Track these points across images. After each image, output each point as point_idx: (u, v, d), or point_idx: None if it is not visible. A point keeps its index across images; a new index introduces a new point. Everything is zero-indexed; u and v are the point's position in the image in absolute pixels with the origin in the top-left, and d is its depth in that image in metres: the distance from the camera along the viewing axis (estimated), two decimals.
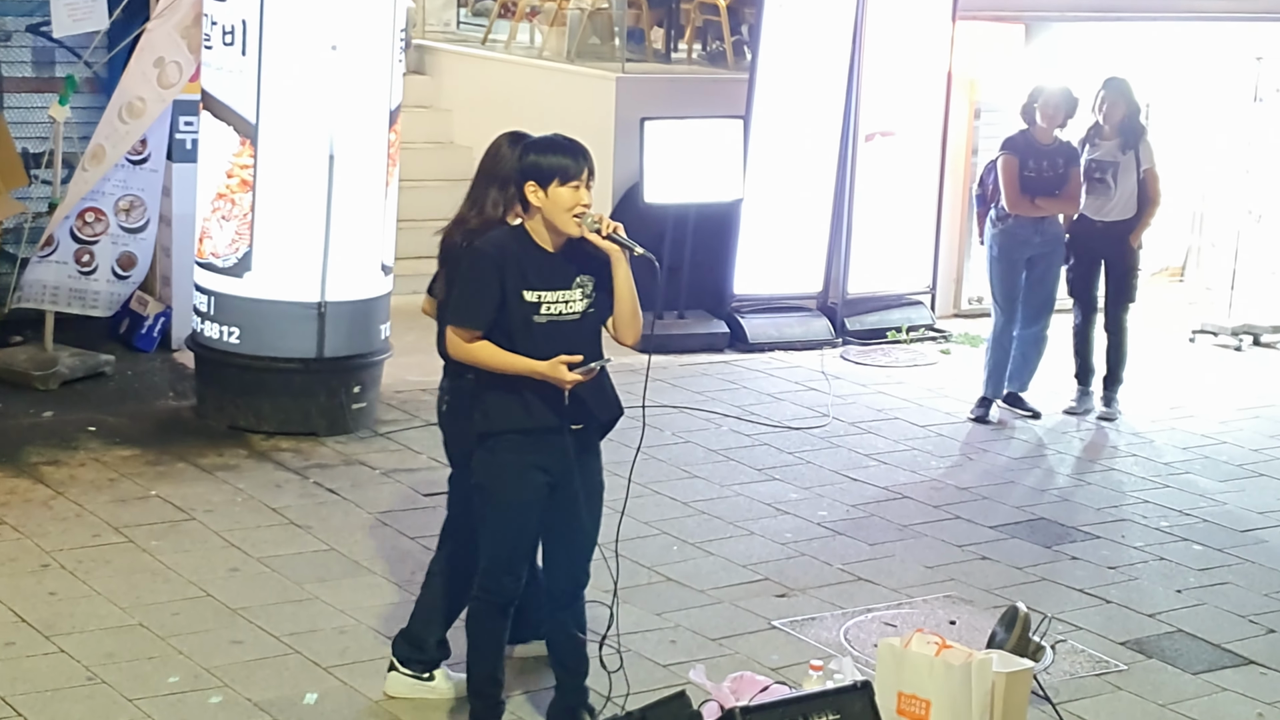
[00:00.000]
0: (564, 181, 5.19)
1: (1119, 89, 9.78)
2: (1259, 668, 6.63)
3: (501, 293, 5.23)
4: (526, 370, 5.22)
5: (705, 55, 13.24)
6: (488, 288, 5.23)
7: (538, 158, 5.25)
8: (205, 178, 8.72)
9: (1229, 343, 11.76)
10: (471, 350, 5.29)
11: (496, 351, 5.25)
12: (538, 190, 5.23)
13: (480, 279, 5.25)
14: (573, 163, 5.22)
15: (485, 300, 5.24)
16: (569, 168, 5.21)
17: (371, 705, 5.84)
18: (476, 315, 5.26)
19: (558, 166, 5.21)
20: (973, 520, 8.09)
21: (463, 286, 5.30)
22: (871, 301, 11.63)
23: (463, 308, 5.29)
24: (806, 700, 5.39)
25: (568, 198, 5.20)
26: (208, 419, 8.77)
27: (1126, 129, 9.76)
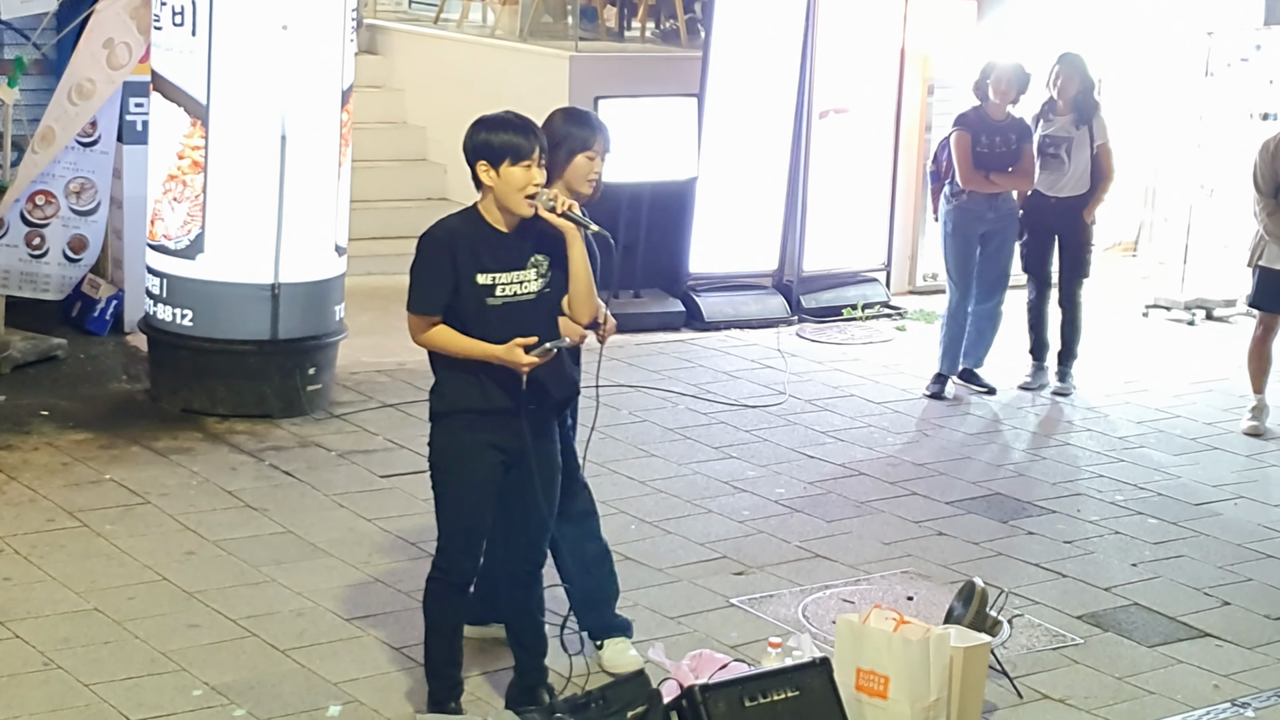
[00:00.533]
0: (515, 161, 5.17)
1: (1074, 64, 9.81)
2: (1214, 640, 6.67)
3: (454, 278, 5.21)
4: (483, 355, 5.20)
5: (659, 33, 13.22)
6: (440, 273, 5.21)
7: (488, 136, 5.22)
8: (156, 159, 8.66)
9: (1182, 317, 11.83)
10: (429, 336, 5.27)
11: (453, 337, 5.24)
12: (489, 169, 5.21)
13: (432, 265, 5.23)
14: (524, 141, 5.19)
15: (438, 286, 5.22)
16: (520, 146, 5.18)
17: (330, 688, 5.82)
18: (430, 301, 5.24)
19: (508, 145, 5.19)
20: (929, 496, 8.11)
21: (416, 273, 5.27)
22: (827, 279, 11.64)
23: (417, 294, 5.27)
24: (765, 677, 5.40)
25: (519, 177, 5.18)
26: (161, 402, 8.72)
27: (1080, 104, 9.79)
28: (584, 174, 5.74)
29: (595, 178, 5.74)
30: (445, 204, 11.77)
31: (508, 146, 5.18)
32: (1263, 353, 9.43)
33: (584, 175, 5.74)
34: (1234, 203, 10.79)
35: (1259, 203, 9.13)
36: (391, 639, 6.18)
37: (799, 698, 5.35)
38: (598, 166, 5.74)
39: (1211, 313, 11.89)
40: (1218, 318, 11.87)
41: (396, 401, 8.95)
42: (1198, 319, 11.82)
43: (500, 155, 5.18)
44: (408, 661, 5.95)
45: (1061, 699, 6.07)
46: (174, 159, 8.50)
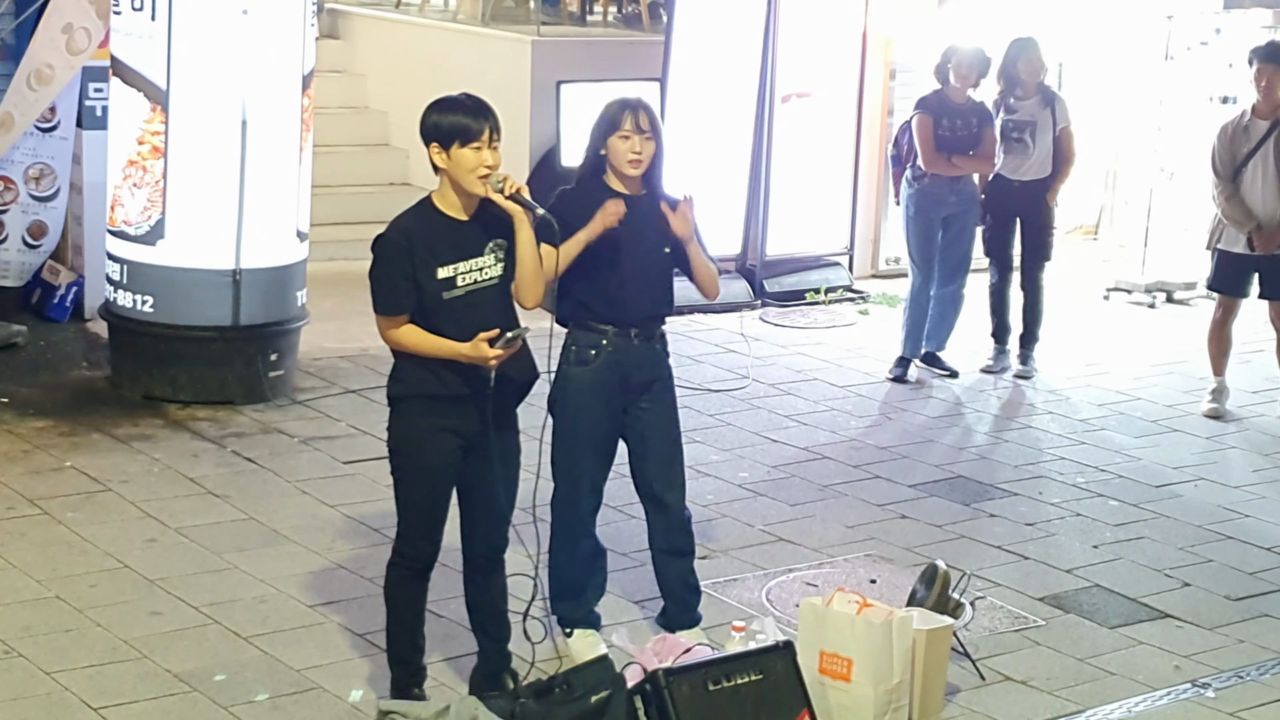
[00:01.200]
0: (465, 142, 5.16)
1: (1037, 48, 9.82)
2: (1175, 621, 6.71)
3: (414, 276, 5.19)
4: (450, 354, 5.20)
5: (621, 17, 13.20)
6: (399, 274, 5.20)
7: (438, 118, 5.22)
8: (116, 145, 8.61)
9: (1143, 300, 11.88)
10: (397, 336, 5.26)
11: (421, 337, 5.23)
12: (440, 151, 5.20)
13: (391, 267, 5.22)
14: (472, 122, 5.17)
15: (399, 286, 5.21)
16: (469, 127, 5.17)
17: (294, 675, 5.81)
18: (395, 302, 5.23)
19: (457, 126, 5.17)
20: (892, 479, 8.13)
21: (376, 277, 5.26)
22: (790, 263, 11.65)
23: (381, 297, 5.26)
24: (729, 661, 5.41)
25: (470, 159, 5.17)
26: (122, 389, 8.68)
27: (1043, 87, 9.82)
28: (623, 156, 5.76)
29: (635, 157, 5.75)
30: (407, 189, 11.75)
31: (457, 128, 5.17)
32: (1222, 335, 9.48)
33: (623, 157, 5.76)
34: (1194, 186, 10.83)
35: (1217, 186, 9.17)
36: (354, 625, 6.18)
37: (762, 681, 5.37)
38: (635, 145, 5.75)
39: (1172, 295, 11.94)
40: (1178, 300, 11.92)
41: (359, 387, 8.93)
42: (1158, 302, 11.87)
43: (450, 137, 5.17)
44: (370, 648, 5.94)
45: (1023, 680, 6.10)
46: (134, 144, 8.46)
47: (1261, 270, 9.21)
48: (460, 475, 5.39)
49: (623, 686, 5.27)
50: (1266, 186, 9.04)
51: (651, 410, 5.98)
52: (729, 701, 5.28)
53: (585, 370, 5.91)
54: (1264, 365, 9.91)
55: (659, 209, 5.85)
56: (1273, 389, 9.61)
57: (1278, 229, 9.06)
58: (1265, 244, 9.08)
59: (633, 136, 5.77)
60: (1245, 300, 9.43)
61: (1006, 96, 9.85)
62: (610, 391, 5.92)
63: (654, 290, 5.95)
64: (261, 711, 5.54)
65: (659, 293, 5.97)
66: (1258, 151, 9.05)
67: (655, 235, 5.87)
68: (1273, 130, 9.04)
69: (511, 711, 5.19)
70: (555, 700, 5.22)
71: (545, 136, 10.92)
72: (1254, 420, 9.38)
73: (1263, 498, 8.16)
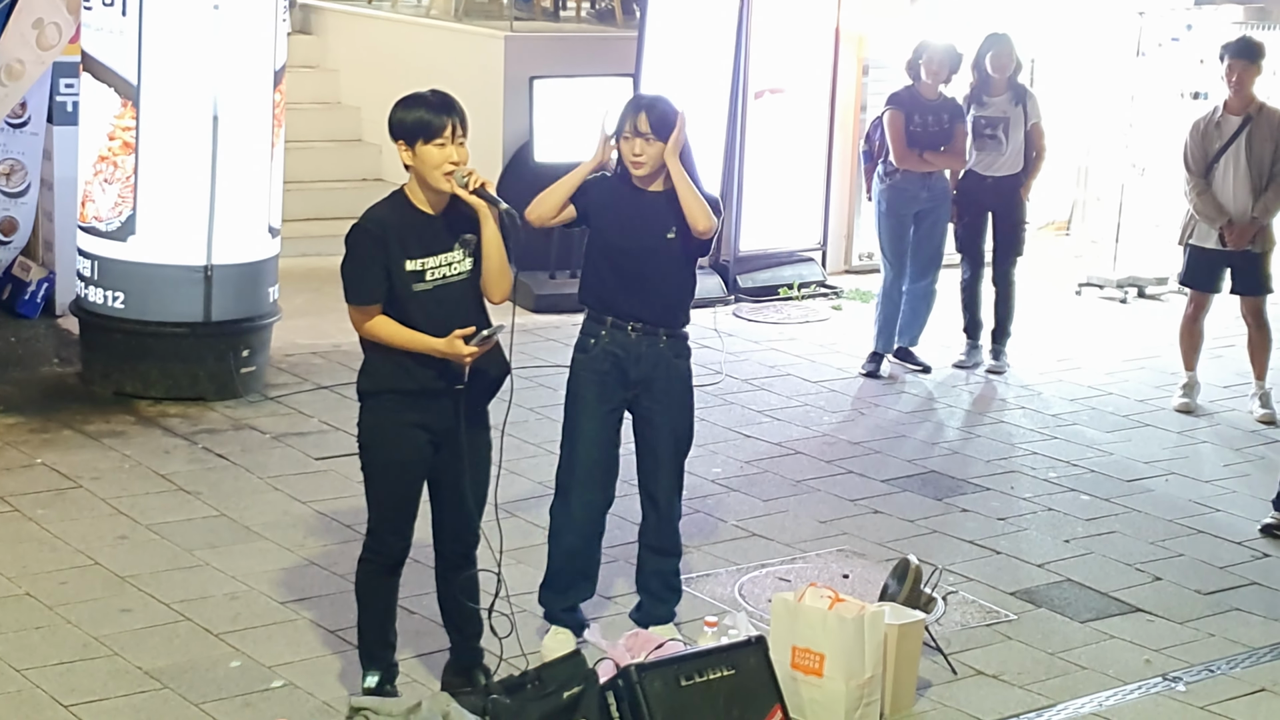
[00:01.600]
0: (428, 139, 5.16)
1: (1009, 44, 9.85)
2: (1146, 615, 6.73)
3: (386, 265, 5.19)
4: (424, 348, 5.19)
5: (594, 13, 13.19)
6: (372, 264, 5.20)
7: (402, 114, 5.23)
8: (87, 140, 8.58)
9: (1114, 295, 11.91)
10: (370, 327, 5.25)
11: (394, 329, 5.22)
12: (406, 149, 5.20)
13: (363, 256, 5.22)
14: (434, 118, 5.17)
15: (371, 276, 5.21)
16: (431, 124, 5.16)
17: (265, 671, 5.80)
18: (366, 292, 5.22)
19: (420, 123, 5.17)
20: (865, 474, 8.15)
21: (348, 267, 5.26)
22: (763, 259, 11.66)
23: (352, 287, 5.25)
24: (701, 656, 5.42)
25: (434, 156, 5.16)
26: (94, 385, 8.65)
27: (1015, 83, 9.84)
28: (625, 158, 5.83)
29: (635, 159, 5.79)
30: (380, 184, 11.72)
31: (420, 125, 5.16)
32: (1194, 330, 9.51)
33: (626, 159, 5.83)
34: (1165, 182, 10.88)
35: (1189, 182, 9.20)
36: (326, 621, 6.16)
37: (734, 676, 5.37)
38: (635, 148, 5.78)
39: (1143, 291, 11.97)
40: (1150, 296, 11.95)
41: (331, 383, 8.91)
42: (1130, 297, 11.90)
43: (414, 134, 5.17)
44: (342, 644, 5.94)
45: (995, 675, 6.12)
46: (105, 140, 8.43)
47: (1233, 266, 9.23)
48: (431, 471, 5.38)
49: (595, 682, 5.27)
50: (1238, 182, 9.06)
51: (654, 410, 6.00)
52: (701, 697, 5.28)
53: (584, 357, 5.97)
54: (1235, 360, 9.95)
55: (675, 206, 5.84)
56: (1244, 384, 9.64)
57: (1249, 224, 9.09)
58: (1237, 239, 9.10)
59: (632, 139, 5.79)
60: (1217, 295, 9.46)
61: (979, 93, 9.87)
62: (607, 383, 5.93)
63: (657, 288, 5.93)
64: (233, 708, 5.53)
65: (663, 291, 5.94)
66: (1229, 147, 9.08)
67: (658, 222, 5.88)
68: (1244, 126, 9.07)
69: (483, 708, 5.18)
70: (527, 696, 5.22)
71: (518, 132, 10.91)
72: (1225, 415, 9.42)
73: (1233, 492, 8.19)
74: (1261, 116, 9.09)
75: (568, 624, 6.05)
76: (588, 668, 5.34)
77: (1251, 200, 9.06)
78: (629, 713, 5.19)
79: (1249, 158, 9.04)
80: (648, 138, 5.79)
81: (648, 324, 5.92)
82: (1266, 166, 9.03)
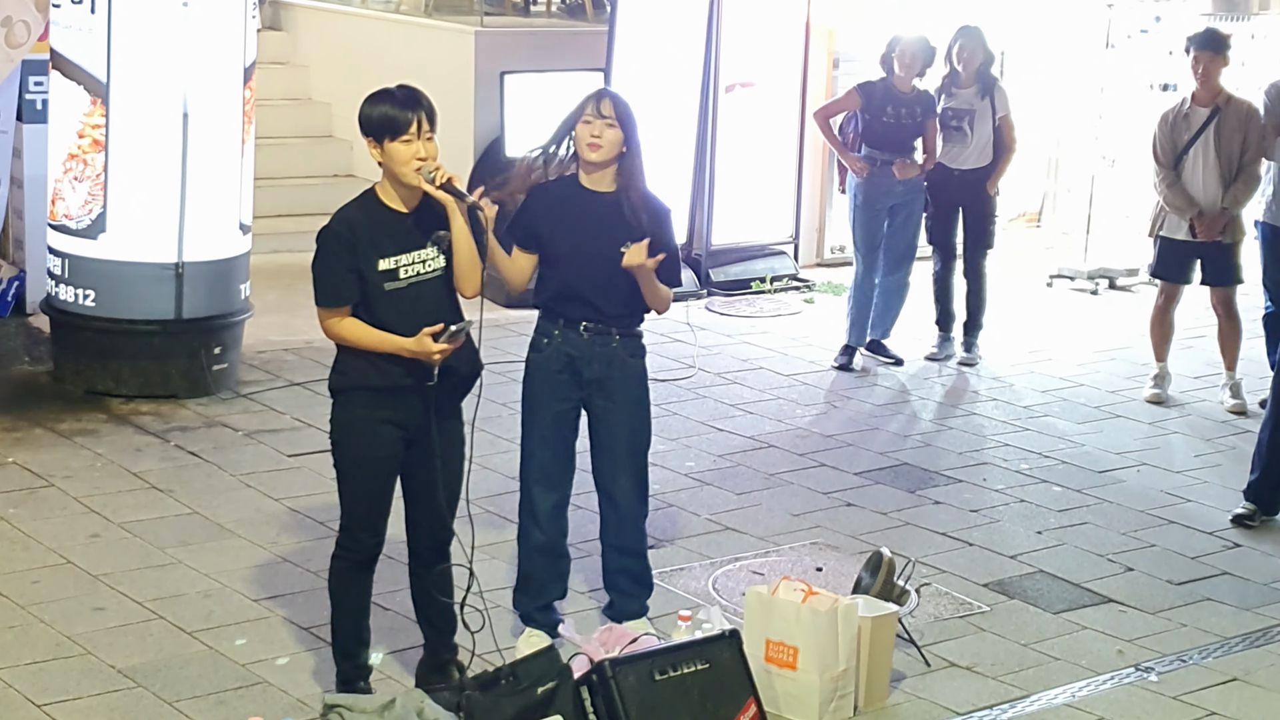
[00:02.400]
0: (394, 136, 5.15)
1: (976, 37, 9.88)
2: (1118, 605, 6.76)
3: (356, 267, 5.18)
4: (393, 349, 5.19)
5: (564, 7, 13.18)
6: (342, 265, 5.19)
7: (369, 110, 5.22)
8: (56, 138, 8.55)
9: (1085, 286, 11.95)
10: (339, 329, 5.25)
11: (362, 331, 5.22)
12: (375, 146, 5.20)
13: (333, 258, 5.22)
14: (400, 114, 5.16)
15: (341, 278, 5.20)
16: (396, 120, 5.15)
17: (239, 669, 5.79)
18: (337, 294, 5.22)
19: (387, 120, 5.17)
20: (838, 467, 8.16)
21: (318, 269, 5.25)
22: (735, 252, 11.66)
23: (322, 289, 5.25)
24: (675, 650, 5.44)
25: (402, 152, 5.16)
26: (65, 383, 8.63)
27: (983, 76, 9.87)
28: (582, 140, 5.82)
29: (594, 140, 5.78)
30: (351, 180, 11.70)
31: (386, 121, 5.16)
32: (1164, 322, 9.54)
33: (582, 141, 5.82)
34: (1135, 173, 10.90)
35: (1159, 174, 9.23)
36: (299, 619, 6.16)
37: (709, 670, 5.39)
38: (596, 129, 5.79)
39: (1114, 282, 12.01)
40: (1120, 287, 11.99)
41: (303, 380, 8.89)
42: (1101, 288, 11.94)
43: (381, 130, 5.17)
44: (316, 641, 5.93)
45: (968, 666, 6.14)
46: (74, 138, 8.40)
47: (1203, 257, 9.26)
48: (403, 467, 5.38)
49: (569, 677, 5.28)
50: (1207, 173, 9.10)
51: (609, 409, 5.98)
52: (675, 691, 5.30)
53: (538, 357, 5.96)
54: (1205, 351, 10.00)
55: (630, 208, 5.84)
56: (1214, 374, 9.68)
57: (1219, 215, 9.12)
58: (1207, 231, 9.14)
59: (594, 121, 5.80)
60: (1187, 287, 9.50)
61: (949, 85, 9.90)
62: (561, 382, 5.92)
63: (608, 291, 5.89)
64: (206, 706, 5.52)
65: (615, 294, 5.90)
66: (1198, 139, 9.11)
67: (615, 231, 5.86)
68: (1212, 117, 9.10)
69: (457, 704, 5.18)
70: (501, 692, 5.22)
71: (489, 127, 10.90)
72: (1195, 406, 9.45)
73: (1205, 482, 8.22)
74: (1229, 107, 9.12)
75: (542, 624, 6.05)
76: (562, 663, 5.35)
77: (1221, 191, 9.10)
78: (603, 707, 5.20)
79: (1218, 149, 9.07)
80: (610, 122, 5.79)
81: (600, 324, 5.91)
82: (1235, 157, 9.07)
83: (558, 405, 5.95)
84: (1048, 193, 13.29)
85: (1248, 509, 7.69)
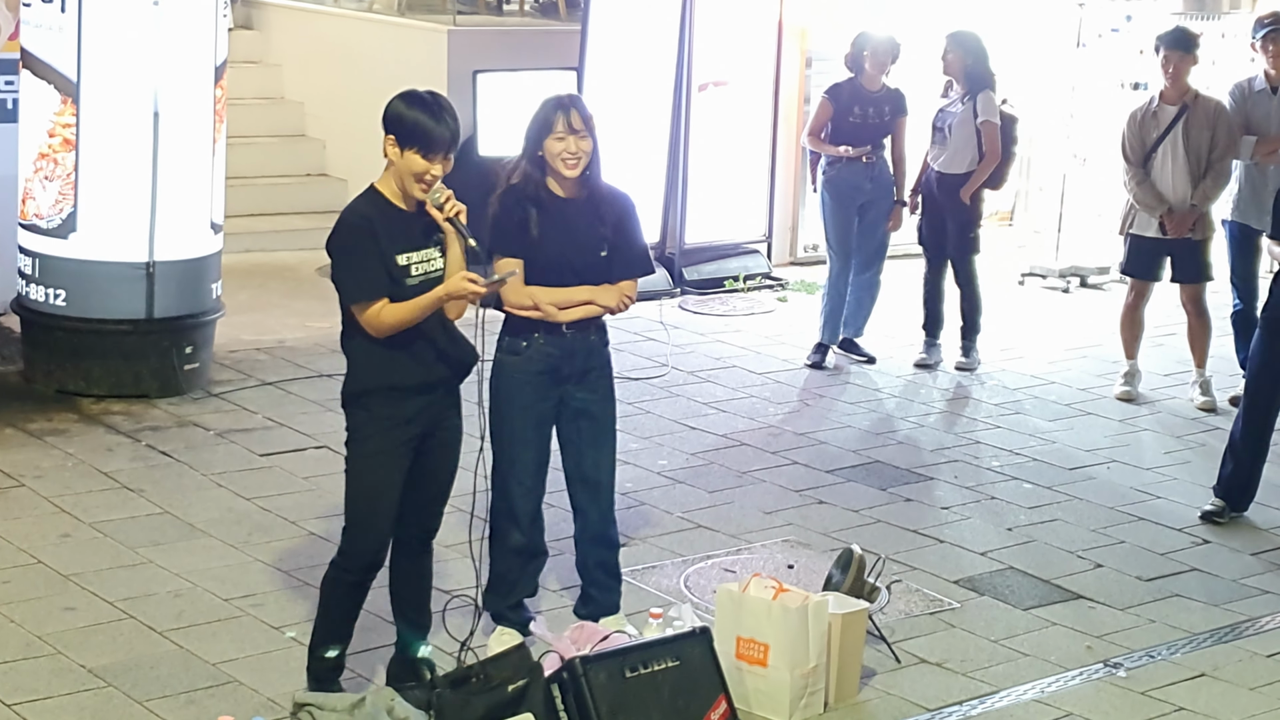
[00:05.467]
0: (421, 151, 5.11)
1: (958, 40, 9.84)
2: (1087, 601, 6.79)
3: (382, 260, 5.16)
4: (433, 300, 5.14)
5: (537, 7, 13.18)
6: (371, 256, 5.15)
7: (404, 111, 5.16)
8: (27, 138, 8.53)
9: (1057, 284, 11.99)
10: (384, 319, 5.16)
11: (399, 307, 5.16)
12: (395, 146, 5.16)
13: (360, 251, 5.16)
14: (435, 132, 5.11)
15: (372, 268, 5.15)
16: (430, 136, 5.10)
17: (210, 668, 5.79)
18: (373, 285, 5.16)
19: (419, 131, 5.12)
20: (810, 465, 8.18)
21: (347, 264, 5.19)
22: (709, 251, 11.68)
23: (358, 283, 5.18)
24: (646, 648, 5.45)
25: (419, 164, 5.13)
26: (36, 383, 8.61)
27: (971, 79, 9.79)
28: (558, 157, 5.75)
29: (570, 158, 5.73)
30: (324, 180, 11.70)
31: (419, 132, 5.10)
32: (1134, 319, 9.58)
33: (558, 159, 5.75)
34: (1106, 171, 10.94)
35: (1129, 172, 9.27)
36: (270, 618, 6.16)
37: (679, 667, 5.40)
38: (571, 145, 5.73)
39: (1085, 280, 12.06)
40: (1092, 285, 12.04)
41: (275, 379, 8.89)
42: (1072, 286, 11.99)
43: (409, 138, 5.11)
44: (287, 641, 5.93)
45: (939, 662, 6.17)
46: (45, 137, 8.39)
47: (1173, 254, 9.31)
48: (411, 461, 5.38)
49: (540, 675, 5.29)
50: (1176, 171, 9.14)
51: (586, 400, 6.00)
52: (646, 688, 5.31)
53: (518, 360, 5.92)
54: (1175, 349, 10.04)
55: (597, 211, 5.85)
56: (1184, 372, 9.71)
57: (1189, 213, 9.16)
58: (1177, 228, 9.18)
59: (567, 137, 5.74)
60: (1157, 284, 9.54)
61: (946, 88, 9.93)
62: (543, 383, 5.92)
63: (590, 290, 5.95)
64: (177, 705, 5.52)
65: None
66: (1167, 136, 9.15)
67: (592, 239, 5.87)
68: (1181, 115, 9.15)
69: (428, 701, 5.19)
70: (472, 690, 5.23)
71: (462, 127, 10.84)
72: (1166, 403, 9.49)
73: (1174, 479, 8.26)
74: (1197, 105, 9.17)
75: (514, 622, 6.05)
76: (533, 661, 5.37)
77: (1190, 188, 9.14)
78: (574, 705, 5.21)
79: (1186, 146, 9.12)
80: (581, 134, 5.77)
81: (581, 322, 5.92)
82: (1204, 154, 9.11)
83: (540, 405, 5.95)
84: (1020, 191, 13.32)
85: (1217, 505, 7.73)
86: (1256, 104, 9.35)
